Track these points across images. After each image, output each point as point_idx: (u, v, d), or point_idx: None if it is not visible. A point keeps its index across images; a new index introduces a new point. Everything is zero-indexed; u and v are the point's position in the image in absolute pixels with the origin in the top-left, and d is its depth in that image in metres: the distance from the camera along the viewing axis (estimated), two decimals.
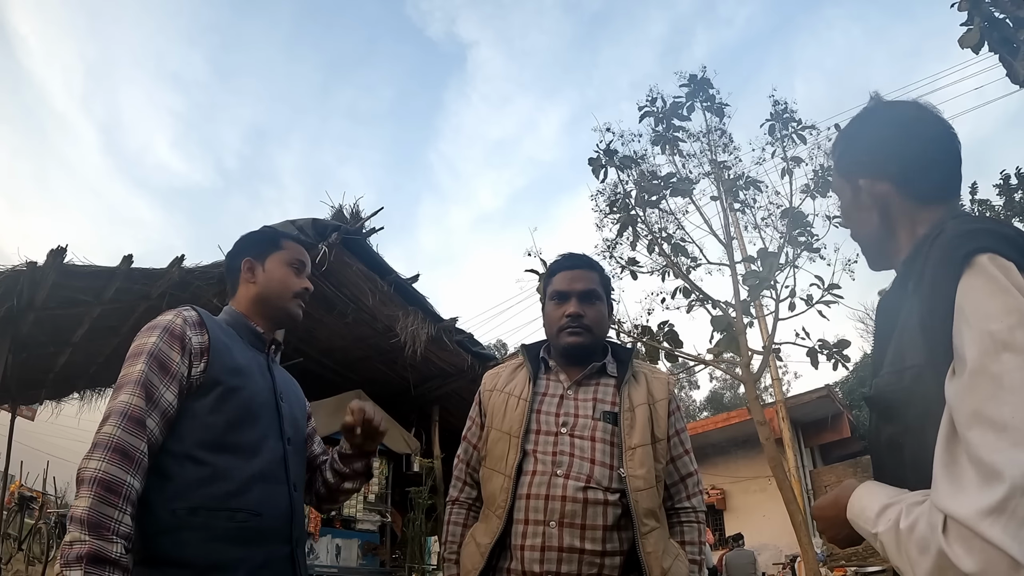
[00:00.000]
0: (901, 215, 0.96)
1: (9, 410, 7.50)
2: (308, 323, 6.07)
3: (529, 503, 1.52)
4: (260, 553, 1.34)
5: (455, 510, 1.79)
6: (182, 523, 1.25)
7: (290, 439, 1.50)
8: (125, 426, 1.22)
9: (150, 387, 1.28)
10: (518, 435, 1.61)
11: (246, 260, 1.61)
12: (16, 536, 9.09)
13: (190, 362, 1.36)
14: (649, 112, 8.65)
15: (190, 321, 1.41)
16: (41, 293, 4.77)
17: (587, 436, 1.59)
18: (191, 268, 4.81)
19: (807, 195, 8.18)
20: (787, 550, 12.75)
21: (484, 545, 1.57)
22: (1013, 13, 3.53)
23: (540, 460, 1.57)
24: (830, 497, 0.93)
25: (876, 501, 0.81)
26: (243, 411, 1.40)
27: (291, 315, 1.62)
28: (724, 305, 8.12)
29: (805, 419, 14.75)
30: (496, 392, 1.76)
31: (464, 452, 1.82)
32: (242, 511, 1.32)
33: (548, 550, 1.47)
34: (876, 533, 0.78)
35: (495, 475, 1.63)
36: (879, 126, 1.01)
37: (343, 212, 5.27)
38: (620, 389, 1.67)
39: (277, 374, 1.59)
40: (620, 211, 8.50)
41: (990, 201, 8.63)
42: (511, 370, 1.82)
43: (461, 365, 6.72)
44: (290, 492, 1.44)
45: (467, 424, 1.85)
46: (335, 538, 6.10)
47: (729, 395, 30.69)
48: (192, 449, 1.31)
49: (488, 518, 1.62)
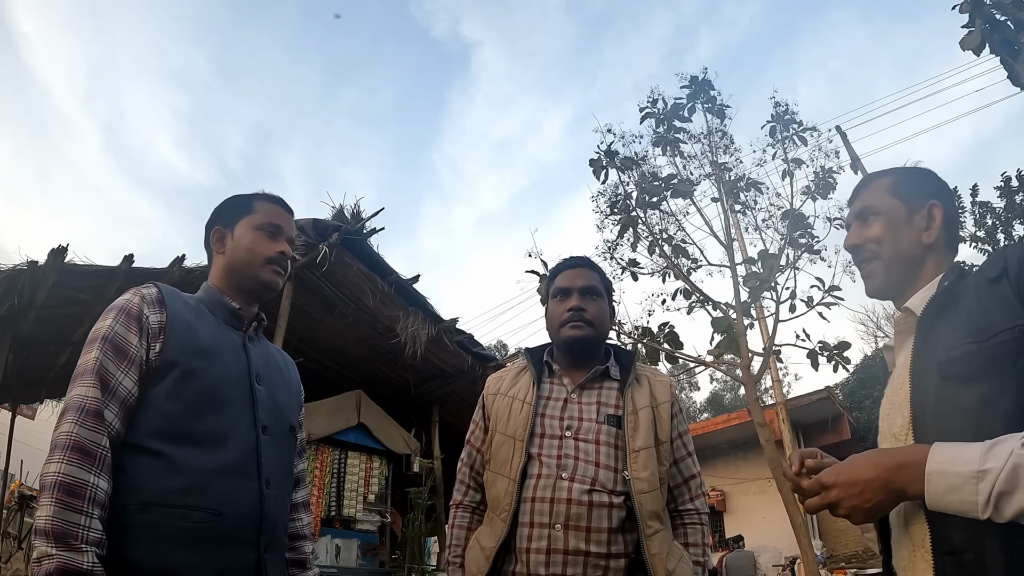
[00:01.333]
0: (939, 245, 1.16)
1: (9, 409, 7.51)
2: (308, 323, 6.08)
3: (534, 506, 1.53)
4: (219, 558, 1.20)
5: (459, 514, 1.79)
6: (131, 520, 1.13)
7: (266, 427, 1.35)
8: (82, 421, 1.12)
9: (105, 375, 1.17)
10: (522, 439, 1.61)
11: (215, 230, 1.47)
12: (16, 535, 9.09)
13: (148, 344, 1.24)
14: (650, 113, 8.65)
15: (148, 299, 1.29)
16: (42, 292, 4.78)
17: (591, 439, 1.60)
18: (192, 268, 4.81)
19: (808, 197, 8.18)
20: (787, 552, 12.74)
21: (489, 549, 1.57)
22: (1014, 15, 3.53)
23: (545, 463, 1.57)
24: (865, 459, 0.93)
25: (972, 446, 0.83)
26: (206, 396, 1.26)
27: (263, 283, 1.45)
28: (724, 307, 8.11)
29: (805, 421, 14.74)
30: (500, 396, 1.76)
31: (468, 456, 1.81)
32: (200, 509, 1.18)
33: (553, 553, 1.48)
34: (985, 470, 0.79)
35: (499, 479, 1.63)
36: (936, 178, 1.24)
37: (344, 212, 5.28)
38: (623, 392, 1.68)
39: (256, 354, 1.43)
40: (621, 212, 8.50)
41: (991, 203, 8.61)
42: (514, 374, 1.82)
43: (461, 366, 6.72)
44: (261, 489, 1.28)
45: (471, 428, 1.85)
46: (334, 538, 6.10)
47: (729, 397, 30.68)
48: (147, 439, 1.19)
49: (492, 521, 1.62)
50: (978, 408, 0.89)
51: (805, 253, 7.96)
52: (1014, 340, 0.88)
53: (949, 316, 1.00)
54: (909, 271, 1.16)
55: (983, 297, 0.95)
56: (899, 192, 1.21)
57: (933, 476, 0.84)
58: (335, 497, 6.21)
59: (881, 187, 1.24)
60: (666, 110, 8.60)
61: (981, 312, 0.94)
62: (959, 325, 0.96)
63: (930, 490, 0.84)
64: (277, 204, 1.52)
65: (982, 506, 0.79)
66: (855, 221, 1.25)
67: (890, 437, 1.05)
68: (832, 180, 8.15)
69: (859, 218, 1.24)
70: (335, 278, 5.46)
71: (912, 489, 0.86)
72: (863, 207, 1.24)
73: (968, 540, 0.85)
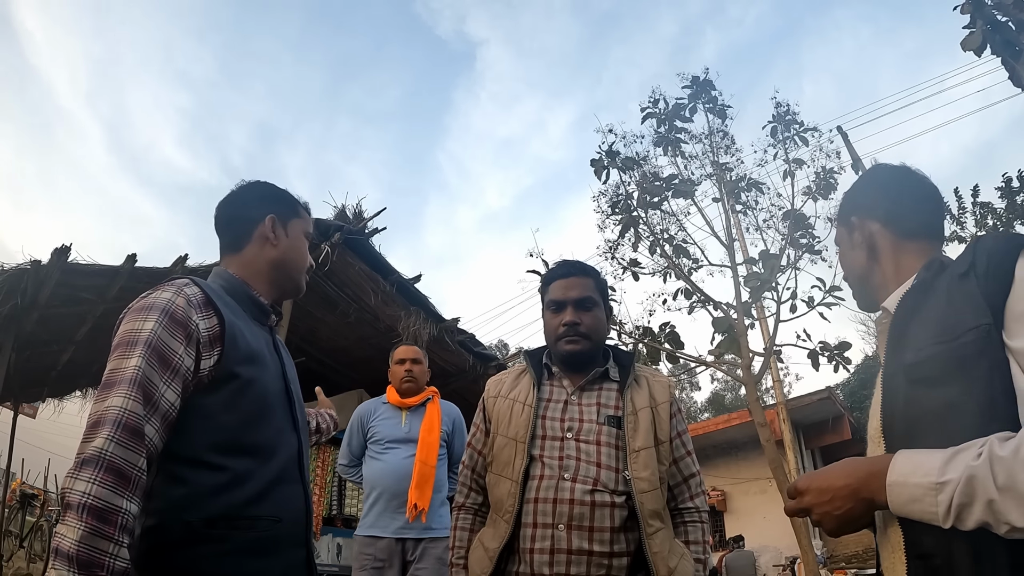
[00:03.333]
0: (887, 248, 1.13)
1: (11, 408, 7.53)
2: (310, 323, 6.09)
3: (537, 507, 1.55)
4: (279, 562, 1.20)
5: (461, 515, 1.80)
6: (198, 536, 1.09)
7: (300, 428, 1.36)
8: (119, 438, 1.01)
9: (148, 387, 1.06)
10: (524, 440, 1.63)
11: (271, 216, 1.37)
12: (18, 533, 9.11)
13: (197, 353, 1.14)
14: (651, 113, 8.66)
15: (195, 301, 1.18)
16: (45, 291, 4.79)
17: (592, 440, 1.61)
18: (194, 267, 4.82)
19: (809, 197, 8.19)
20: (787, 552, 12.74)
21: (492, 550, 1.58)
22: (1016, 16, 3.54)
23: (547, 464, 1.59)
24: (837, 468, 0.93)
25: (932, 456, 0.82)
26: (260, 406, 1.23)
27: (300, 289, 1.46)
28: (725, 307, 8.12)
29: (806, 421, 14.75)
30: (501, 399, 1.77)
31: (469, 458, 1.83)
32: (263, 518, 1.17)
33: (557, 552, 1.49)
34: (944, 482, 0.79)
35: (502, 480, 1.64)
36: (871, 177, 1.22)
37: (346, 212, 5.28)
38: (623, 393, 1.69)
39: (283, 353, 1.41)
40: (622, 212, 8.50)
41: (992, 204, 8.61)
42: (514, 376, 1.83)
43: (463, 365, 6.72)
44: (305, 490, 1.31)
45: (471, 430, 1.86)
46: (336, 537, 6.11)
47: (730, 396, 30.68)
48: (205, 453, 1.14)
49: (495, 523, 1.63)
50: (945, 412, 0.87)
51: (806, 253, 7.97)
52: (977, 340, 0.86)
53: (920, 315, 0.98)
54: (872, 286, 1.16)
55: (953, 293, 0.93)
56: (840, 219, 1.25)
57: (894, 487, 0.84)
58: (336, 496, 6.22)
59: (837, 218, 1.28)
60: (667, 110, 8.61)
61: (951, 310, 0.92)
62: (929, 324, 0.94)
63: (892, 500, 0.85)
64: (311, 215, 1.51)
65: (943, 516, 0.79)
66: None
67: (869, 440, 1.05)
68: (833, 180, 8.17)
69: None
70: (337, 278, 5.47)
71: (879, 498, 0.87)
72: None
73: (937, 545, 0.85)
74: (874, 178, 1.21)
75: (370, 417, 3.20)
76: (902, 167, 1.20)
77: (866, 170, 1.28)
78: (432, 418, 3.15)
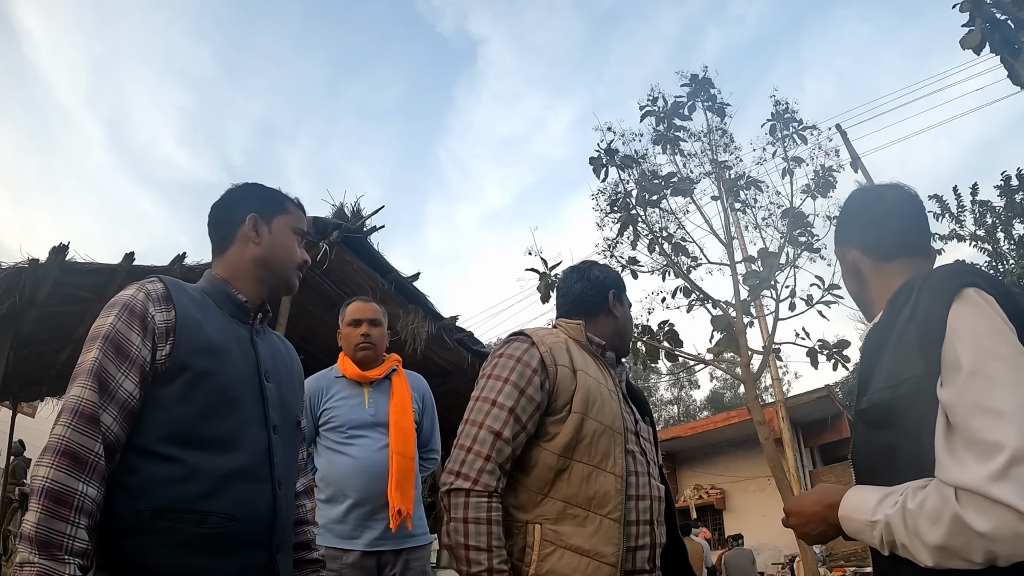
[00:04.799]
0: (869, 273, 1.18)
1: (10, 407, 7.52)
2: (309, 321, 6.09)
3: (639, 504, 1.50)
4: (233, 562, 1.19)
5: (492, 504, 1.35)
6: (145, 526, 1.11)
7: (276, 427, 1.32)
8: (75, 425, 1.07)
9: (104, 377, 1.12)
10: (621, 431, 1.49)
11: (251, 216, 1.39)
12: (16, 532, 9.12)
13: (153, 344, 1.19)
14: (650, 111, 8.66)
15: (154, 295, 1.22)
16: (43, 290, 4.79)
17: (646, 437, 1.64)
18: (193, 265, 4.82)
19: (808, 195, 8.20)
20: (786, 550, 12.77)
21: (611, 555, 1.37)
22: (1014, 15, 3.54)
23: (639, 460, 1.53)
24: (813, 495, 1.05)
25: (872, 495, 0.93)
26: (218, 398, 1.23)
27: (291, 286, 1.45)
28: (724, 305, 8.13)
29: (805, 419, 14.77)
30: (579, 372, 1.49)
31: (510, 429, 1.39)
32: (214, 514, 1.16)
33: (656, 547, 1.53)
34: (875, 521, 0.90)
35: (602, 474, 1.43)
36: (848, 205, 1.27)
37: (344, 210, 5.28)
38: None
39: (263, 348, 1.39)
40: (621, 210, 8.51)
41: (991, 202, 8.62)
42: (565, 346, 1.54)
43: (461, 363, 6.72)
44: (274, 490, 1.27)
45: (509, 392, 1.42)
46: None
47: (729, 395, 30.72)
48: (158, 444, 1.16)
49: (590, 521, 1.40)
50: (889, 453, 0.97)
51: (805, 251, 7.98)
52: (912, 391, 0.92)
53: (879, 353, 1.03)
54: (867, 308, 1.22)
55: (901, 336, 0.97)
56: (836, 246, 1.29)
57: (843, 520, 0.97)
58: None
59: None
60: (666, 108, 8.61)
61: (898, 354, 0.97)
62: (883, 366, 1.00)
63: (845, 528, 0.97)
64: (303, 211, 1.50)
65: (879, 548, 0.90)
66: None
67: None
68: (832, 178, 8.18)
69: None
70: (335, 276, 5.47)
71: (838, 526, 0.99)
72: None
73: (888, 565, 0.94)
74: (850, 205, 1.27)
75: (322, 396, 2.47)
76: (876, 189, 1.25)
77: (848, 197, 1.32)
78: (402, 396, 2.49)
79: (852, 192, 1.31)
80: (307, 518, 1.53)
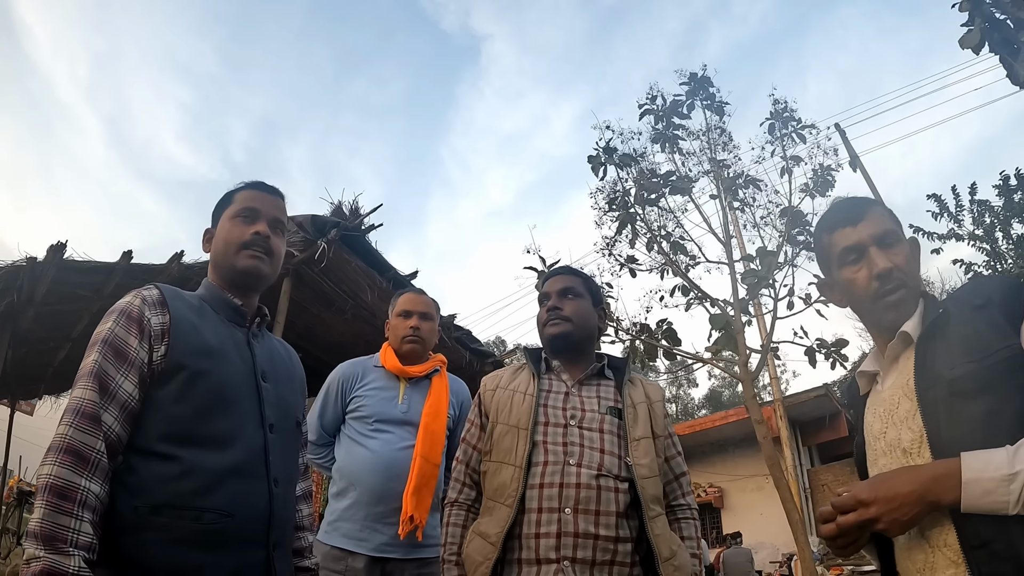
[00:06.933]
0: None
1: (8, 405, 7.51)
2: (307, 319, 6.09)
3: (543, 492, 1.57)
4: (230, 559, 1.21)
5: (455, 512, 1.77)
6: (143, 523, 1.15)
7: (273, 426, 1.35)
8: (77, 424, 1.12)
9: (104, 378, 1.18)
10: (527, 427, 1.66)
11: (206, 231, 1.49)
12: (15, 531, 9.11)
13: (150, 346, 1.24)
14: (649, 110, 8.65)
15: (149, 301, 1.28)
16: (41, 288, 4.77)
17: (595, 428, 1.66)
18: (191, 264, 4.81)
19: (806, 194, 8.18)
20: (784, 549, 12.79)
21: (495, 535, 1.57)
22: (1014, 14, 3.53)
23: (551, 451, 1.62)
24: (900, 476, 1.02)
25: (995, 453, 0.95)
26: (214, 398, 1.27)
27: (241, 270, 1.41)
28: (723, 303, 8.13)
29: (803, 418, 14.77)
30: (500, 390, 1.81)
31: (463, 454, 1.82)
32: (211, 511, 1.19)
33: (564, 536, 1.51)
34: (1015, 472, 0.92)
35: (503, 467, 1.65)
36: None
37: (342, 208, 5.27)
38: (620, 390, 1.77)
39: (260, 350, 1.43)
40: (619, 209, 8.50)
41: (989, 202, 8.62)
42: (512, 372, 1.87)
43: (459, 362, 6.72)
44: (270, 488, 1.30)
45: (465, 427, 1.88)
46: None
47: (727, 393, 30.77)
48: (156, 443, 1.20)
49: (493, 510, 1.63)
50: (986, 419, 1.00)
51: (803, 250, 7.97)
52: (1009, 359, 1.02)
53: (943, 339, 1.11)
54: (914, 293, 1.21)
55: (974, 322, 1.08)
56: (898, 225, 1.27)
57: (970, 483, 0.94)
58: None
59: (887, 215, 1.27)
60: (665, 107, 8.60)
61: (974, 335, 1.07)
62: (955, 347, 1.08)
63: (967, 496, 0.95)
64: (255, 188, 1.49)
65: (1013, 504, 0.92)
66: (876, 244, 1.21)
67: (899, 452, 1.12)
68: (831, 178, 8.17)
69: (882, 242, 1.21)
70: (334, 274, 5.46)
71: (948, 498, 0.97)
72: (886, 230, 1.21)
73: (996, 532, 0.94)
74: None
75: (355, 383, 2.37)
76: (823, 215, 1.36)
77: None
78: (439, 397, 2.37)
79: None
80: (302, 523, 1.54)
